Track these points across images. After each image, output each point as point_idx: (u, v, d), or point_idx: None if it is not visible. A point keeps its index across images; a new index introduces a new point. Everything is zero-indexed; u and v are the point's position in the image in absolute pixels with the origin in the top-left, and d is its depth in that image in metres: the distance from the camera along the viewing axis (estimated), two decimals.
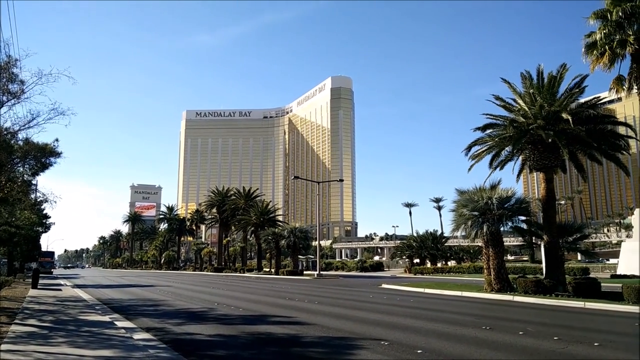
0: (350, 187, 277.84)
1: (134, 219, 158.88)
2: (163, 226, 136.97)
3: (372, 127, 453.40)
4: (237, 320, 16.79)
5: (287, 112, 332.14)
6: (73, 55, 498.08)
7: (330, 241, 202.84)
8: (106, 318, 16.73)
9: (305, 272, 70.12)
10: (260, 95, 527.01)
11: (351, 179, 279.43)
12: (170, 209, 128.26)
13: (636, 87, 25.29)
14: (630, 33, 24.25)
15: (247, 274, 73.18)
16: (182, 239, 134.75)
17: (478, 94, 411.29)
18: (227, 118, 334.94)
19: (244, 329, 14.32)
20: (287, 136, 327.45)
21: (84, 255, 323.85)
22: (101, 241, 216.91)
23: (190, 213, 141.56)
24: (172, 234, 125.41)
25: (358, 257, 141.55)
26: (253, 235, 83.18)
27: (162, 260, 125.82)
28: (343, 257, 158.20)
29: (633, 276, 43.41)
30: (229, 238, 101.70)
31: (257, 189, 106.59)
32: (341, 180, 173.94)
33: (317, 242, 68.46)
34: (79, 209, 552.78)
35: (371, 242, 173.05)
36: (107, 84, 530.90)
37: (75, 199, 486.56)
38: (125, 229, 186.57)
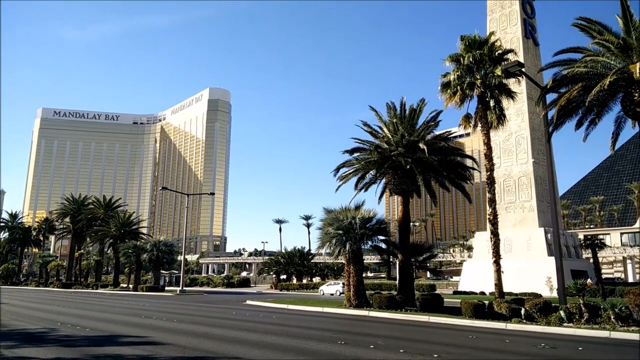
0: (222, 201, 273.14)
1: None
2: (3, 235, 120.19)
3: (248, 142, 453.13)
4: (82, 341, 15.31)
5: (160, 120, 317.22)
6: None
7: (197, 256, 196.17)
8: None
9: (167, 288, 66.68)
10: (131, 100, 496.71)
11: (223, 193, 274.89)
12: (14, 216, 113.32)
13: (480, 125, 28.74)
14: (478, 77, 27.58)
15: (100, 290, 67.34)
16: (27, 250, 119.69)
17: (353, 117, 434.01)
18: (92, 120, 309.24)
19: (90, 351, 13.13)
20: (158, 145, 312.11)
21: None
22: None
23: (38, 222, 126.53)
24: (14, 244, 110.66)
25: (225, 273, 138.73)
26: (111, 248, 77.05)
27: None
28: (210, 273, 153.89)
29: (471, 292, 48.77)
30: (82, 251, 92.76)
31: (120, 198, 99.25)
32: (212, 194, 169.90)
33: (182, 257, 65.71)
34: None
35: (240, 258, 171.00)
36: None
37: None
38: None
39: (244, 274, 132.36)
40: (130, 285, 69.42)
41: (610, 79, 18.91)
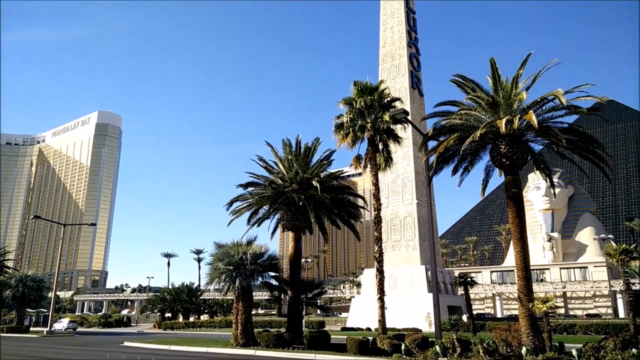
0: (105, 233, 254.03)
1: None
2: None
3: (139, 171, 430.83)
4: None
5: (39, 142, 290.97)
6: None
7: (72, 292, 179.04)
8: None
9: (32, 329, 59.66)
10: (6, 119, 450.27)
11: (107, 224, 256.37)
12: None
13: (370, 166, 30.26)
14: (369, 121, 29.24)
15: None
16: None
17: (249, 150, 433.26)
18: None
19: None
20: (34, 168, 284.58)
21: None
22: None
23: None
24: None
25: (104, 311, 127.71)
26: None
27: None
28: (86, 311, 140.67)
29: (359, 329, 49.88)
30: None
31: None
32: (93, 225, 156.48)
33: (53, 293, 59.33)
34: None
35: (121, 295, 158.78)
36: None
37: None
38: None
39: (125, 312, 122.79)
40: None
41: (481, 131, 21.04)
